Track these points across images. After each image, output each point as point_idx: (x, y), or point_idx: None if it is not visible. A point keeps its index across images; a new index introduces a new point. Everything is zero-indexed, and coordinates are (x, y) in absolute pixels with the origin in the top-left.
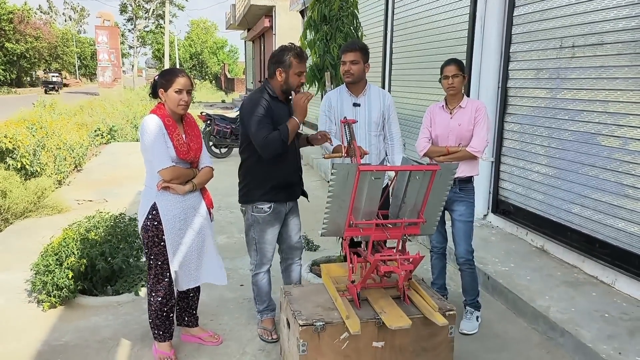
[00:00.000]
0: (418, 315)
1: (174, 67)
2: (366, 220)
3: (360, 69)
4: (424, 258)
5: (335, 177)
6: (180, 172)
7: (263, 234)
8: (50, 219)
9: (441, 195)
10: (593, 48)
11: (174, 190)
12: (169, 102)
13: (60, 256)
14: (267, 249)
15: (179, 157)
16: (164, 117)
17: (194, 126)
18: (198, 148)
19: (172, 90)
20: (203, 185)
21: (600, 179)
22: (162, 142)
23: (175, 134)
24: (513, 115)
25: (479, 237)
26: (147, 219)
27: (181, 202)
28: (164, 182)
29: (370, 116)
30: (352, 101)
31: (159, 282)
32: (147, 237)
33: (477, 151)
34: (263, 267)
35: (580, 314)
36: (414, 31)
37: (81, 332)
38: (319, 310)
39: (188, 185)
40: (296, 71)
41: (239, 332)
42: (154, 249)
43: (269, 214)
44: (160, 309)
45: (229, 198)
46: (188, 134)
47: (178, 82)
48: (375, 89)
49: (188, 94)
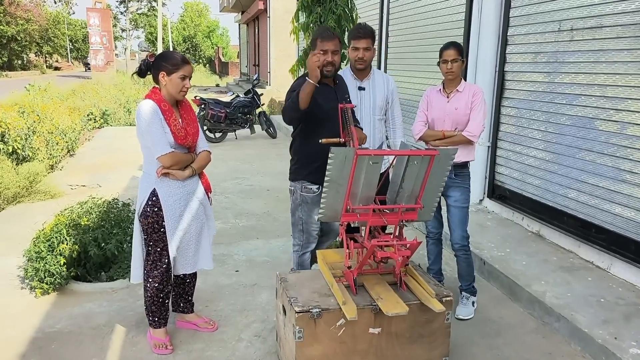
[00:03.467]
0: (415, 302)
1: (174, 51)
2: (363, 205)
3: (372, 55)
4: (421, 244)
5: (332, 161)
6: (180, 158)
7: (311, 213)
8: (43, 204)
9: (439, 181)
10: (592, 31)
11: (174, 176)
12: (170, 86)
13: (52, 242)
14: (314, 229)
15: (177, 142)
16: (159, 102)
17: (190, 110)
18: (195, 132)
19: (177, 75)
20: (202, 170)
21: (598, 164)
22: (160, 128)
23: (172, 119)
24: (510, 100)
25: (475, 222)
26: (147, 205)
27: (181, 188)
28: (164, 169)
29: (375, 100)
30: (357, 84)
31: (156, 268)
32: (146, 223)
33: (473, 135)
34: (309, 247)
35: (576, 299)
36: (411, 14)
37: (75, 318)
38: (315, 297)
39: (188, 171)
40: (320, 49)
41: (234, 318)
42: (154, 235)
43: (317, 195)
44: (156, 294)
45: (224, 183)
46: (184, 119)
47: (185, 69)
48: (379, 73)
49: (189, 80)
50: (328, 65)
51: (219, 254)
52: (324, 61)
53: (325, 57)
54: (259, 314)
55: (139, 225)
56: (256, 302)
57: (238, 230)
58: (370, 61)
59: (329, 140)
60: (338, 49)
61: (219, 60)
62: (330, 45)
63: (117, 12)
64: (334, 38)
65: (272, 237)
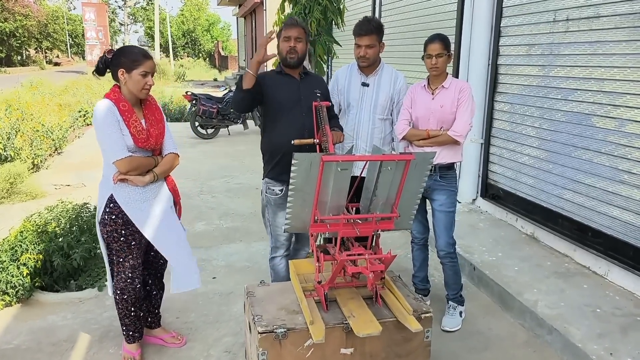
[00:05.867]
0: (391, 319)
1: (134, 46)
2: (334, 215)
3: (377, 52)
4: (395, 257)
5: (296, 168)
6: (139, 163)
7: (275, 217)
8: (23, 205)
9: (417, 187)
10: (588, 21)
11: (133, 183)
12: (131, 84)
13: (16, 251)
14: (280, 233)
15: (137, 145)
16: (118, 102)
17: (155, 110)
18: (160, 134)
19: (137, 72)
20: (166, 175)
21: (594, 163)
22: (116, 131)
23: (132, 120)
24: (503, 95)
25: (467, 223)
26: (104, 213)
27: (141, 193)
28: (121, 175)
29: (377, 98)
30: (361, 80)
31: (121, 279)
32: (105, 232)
33: (459, 135)
34: (278, 252)
35: (570, 309)
36: (403, 4)
37: (35, 333)
38: (282, 314)
39: (148, 176)
40: (282, 37)
41: (204, 331)
42: (114, 244)
43: (281, 197)
44: (126, 307)
45: (211, 182)
46: (148, 119)
47: (145, 64)
48: (388, 70)
49: (152, 76)
50: (291, 52)
51: (197, 259)
52: (287, 47)
53: (288, 44)
54: (231, 326)
55: (100, 234)
56: (230, 312)
57: (221, 232)
58: (374, 59)
59: (301, 142)
60: (302, 36)
61: (219, 54)
62: (294, 32)
63: (116, 7)
64: (298, 26)
65: (255, 240)
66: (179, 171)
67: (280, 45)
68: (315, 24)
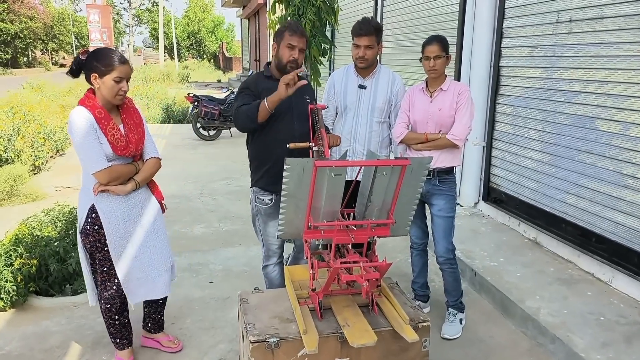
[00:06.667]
0: (387, 328)
1: (109, 49)
2: (328, 221)
3: (375, 53)
4: (391, 265)
5: (288, 173)
6: (119, 172)
7: (266, 226)
8: (23, 207)
9: (413, 193)
10: (592, 22)
11: (114, 192)
12: (104, 90)
13: (10, 256)
14: (272, 242)
15: (117, 153)
16: (94, 110)
17: (133, 113)
18: (139, 139)
19: (109, 77)
20: (148, 180)
21: (598, 167)
22: (94, 140)
23: (109, 127)
24: (506, 97)
25: (468, 227)
26: (86, 223)
27: (124, 202)
28: (101, 186)
29: (375, 101)
30: (357, 82)
31: (106, 289)
32: (88, 242)
33: (458, 139)
34: (270, 260)
35: (573, 317)
36: (405, 5)
37: (27, 339)
38: (275, 323)
39: (130, 185)
40: (286, 43)
41: (200, 337)
42: (97, 254)
43: (271, 207)
44: (110, 317)
45: (212, 184)
46: (127, 124)
47: (118, 69)
48: (386, 71)
49: (127, 82)
50: (293, 62)
51: (194, 263)
52: (290, 57)
53: (292, 53)
54: (227, 333)
55: (81, 243)
56: (226, 318)
57: (220, 235)
58: (372, 60)
59: (297, 145)
60: (304, 47)
61: (223, 56)
62: (300, 43)
63: (121, 8)
64: (304, 37)
65: (254, 243)
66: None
67: (280, 50)
68: (309, 25)
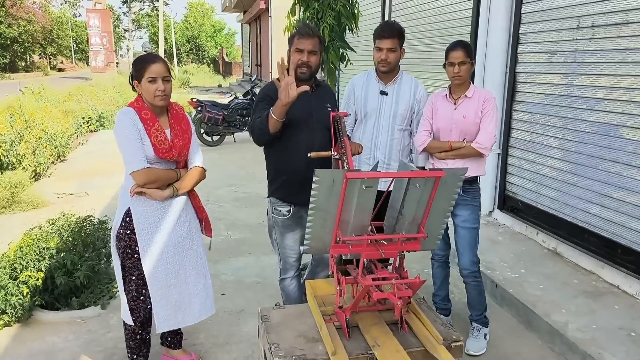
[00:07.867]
0: (418, 348)
1: (148, 53)
2: (356, 235)
3: (398, 57)
4: (424, 282)
5: (317, 185)
6: (158, 175)
7: (283, 238)
8: (25, 215)
9: (446, 206)
10: (616, 28)
11: (150, 196)
12: (145, 94)
13: (15, 269)
14: (289, 255)
15: (158, 156)
16: (140, 111)
17: (181, 119)
18: (184, 145)
19: (145, 80)
20: (189, 189)
21: (624, 177)
22: (136, 140)
23: (154, 129)
24: (522, 103)
25: (485, 236)
26: (120, 227)
27: (159, 208)
28: (138, 187)
29: (397, 108)
30: (379, 88)
31: (133, 299)
32: (120, 247)
33: (484, 148)
34: (288, 273)
35: (603, 332)
36: (415, 10)
37: (35, 356)
38: (300, 342)
39: (168, 190)
40: (295, 47)
41: (215, 354)
42: (127, 261)
43: (289, 218)
44: (133, 330)
45: (218, 190)
46: (174, 129)
47: (150, 70)
48: (408, 78)
49: (165, 81)
50: (303, 66)
51: None
52: (298, 61)
53: (301, 57)
54: (242, 349)
55: (115, 252)
56: (241, 333)
57: (229, 244)
58: (395, 64)
59: (318, 154)
60: (317, 49)
61: (223, 60)
62: (308, 44)
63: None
64: (313, 36)
65: (265, 253)
66: None
67: (292, 55)
68: (328, 30)
